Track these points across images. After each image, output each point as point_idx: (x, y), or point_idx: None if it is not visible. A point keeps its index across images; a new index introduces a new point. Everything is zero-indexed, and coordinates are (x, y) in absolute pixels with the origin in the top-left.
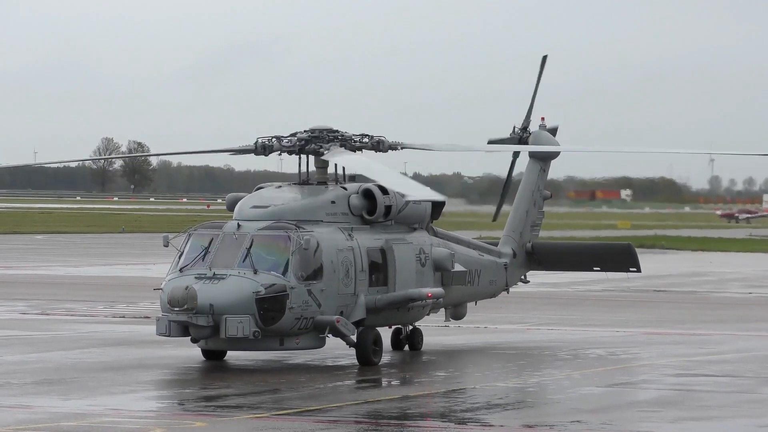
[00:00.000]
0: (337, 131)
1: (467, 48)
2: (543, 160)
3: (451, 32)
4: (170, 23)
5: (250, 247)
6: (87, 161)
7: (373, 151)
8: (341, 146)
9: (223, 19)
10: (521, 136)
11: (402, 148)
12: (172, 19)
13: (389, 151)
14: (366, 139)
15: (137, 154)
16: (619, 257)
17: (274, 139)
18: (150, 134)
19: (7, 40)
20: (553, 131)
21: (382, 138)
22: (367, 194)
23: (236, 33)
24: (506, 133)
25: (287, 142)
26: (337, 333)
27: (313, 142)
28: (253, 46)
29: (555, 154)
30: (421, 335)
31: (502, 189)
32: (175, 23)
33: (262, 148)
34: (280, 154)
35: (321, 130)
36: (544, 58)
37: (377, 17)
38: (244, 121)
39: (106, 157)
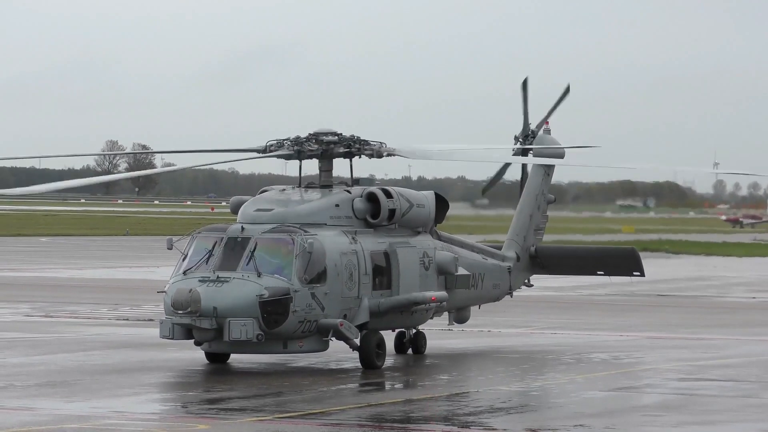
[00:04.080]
0: (339, 134)
1: (478, 49)
2: (547, 164)
3: (463, 33)
4: (182, 27)
5: (254, 250)
6: (91, 164)
7: (367, 158)
8: (346, 149)
9: (235, 23)
10: (525, 144)
11: (395, 155)
12: (184, 23)
13: (382, 157)
14: (364, 145)
15: (142, 152)
16: (622, 261)
17: (287, 142)
18: (158, 138)
19: (18, 44)
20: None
21: (382, 143)
22: (371, 198)
23: (247, 38)
24: (510, 138)
25: (290, 146)
26: (340, 336)
27: (316, 146)
28: (266, 51)
29: (559, 158)
30: (425, 339)
31: (500, 169)
32: (187, 27)
33: (272, 150)
34: (287, 159)
35: (323, 134)
36: (525, 81)
37: (391, 21)
38: (254, 126)
39: (109, 152)
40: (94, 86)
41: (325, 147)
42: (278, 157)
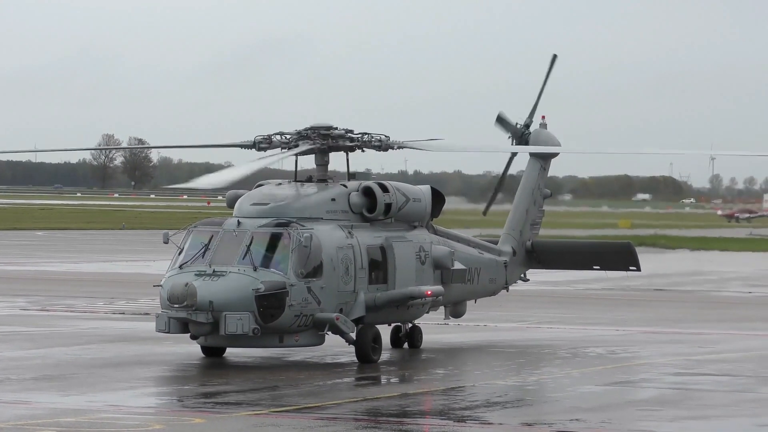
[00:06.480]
0: (336, 128)
1: (481, 44)
2: (543, 158)
3: (468, 26)
4: (186, 21)
5: (250, 244)
6: (88, 158)
7: (372, 150)
8: (350, 142)
9: (238, 17)
10: (522, 132)
11: (400, 148)
12: (187, 17)
13: (388, 150)
14: (366, 137)
15: (138, 147)
16: (618, 256)
17: (277, 136)
18: (159, 132)
19: (21, 36)
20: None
21: (384, 136)
22: (367, 192)
23: (251, 31)
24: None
25: (287, 139)
26: (336, 330)
27: (313, 140)
28: (270, 45)
29: (555, 153)
30: (421, 333)
31: (497, 183)
32: (190, 21)
33: (262, 145)
34: (281, 150)
35: (320, 128)
36: (554, 57)
37: (397, 15)
38: (257, 121)
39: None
40: (97, 80)
41: (332, 142)
42: (302, 154)
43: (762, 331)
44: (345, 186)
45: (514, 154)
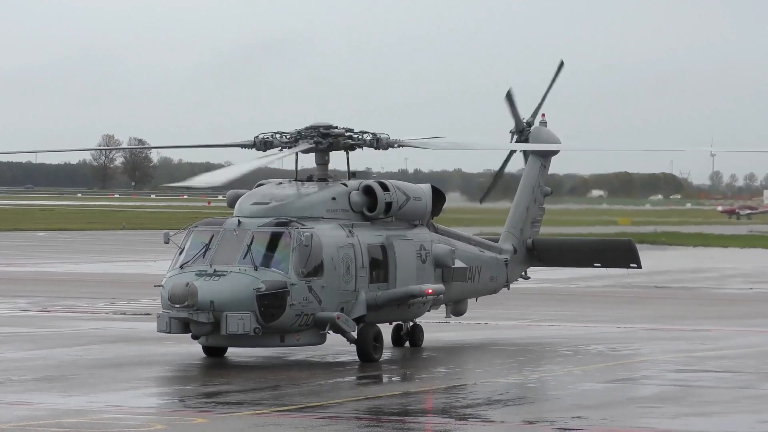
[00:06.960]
0: (336, 127)
1: (481, 42)
2: (544, 156)
3: (467, 25)
4: (185, 21)
5: (251, 243)
6: (88, 158)
7: (372, 149)
8: (345, 141)
9: (237, 16)
10: (523, 128)
11: (400, 146)
12: (187, 17)
13: (388, 148)
14: (366, 136)
15: (139, 146)
16: (619, 253)
17: (277, 135)
18: (159, 132)
19: (23, 36)
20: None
21: (383, 135)
22: (368, 191)
23: (251, 31)
24: (508, 128)
25: (288, 139)
26: (337, 329)
27: (313, 139)
28: (269, 45)
29: (555, 151)
30: (422, 331)
31: (495, 173)
32: (190, 21)
33: (262, 144)
34: (281, 150)
35: (321, 127)
36: (561, 64)
37: (398, 15)
38: (257, 121)
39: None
40: (97, 80)
41: (332, 140)
42: (280, 149)
43: (763, 328)
44: (345, 185)
45: (513, 151)
